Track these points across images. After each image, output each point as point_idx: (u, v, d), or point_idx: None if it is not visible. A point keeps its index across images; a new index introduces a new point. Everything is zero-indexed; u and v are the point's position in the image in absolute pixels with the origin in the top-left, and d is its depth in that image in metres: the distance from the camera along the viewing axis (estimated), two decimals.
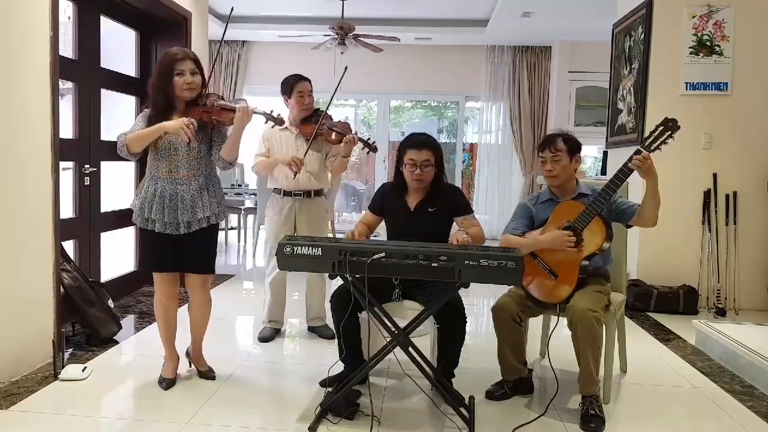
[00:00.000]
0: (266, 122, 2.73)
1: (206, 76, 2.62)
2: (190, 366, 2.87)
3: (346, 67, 3.31)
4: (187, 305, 2.83)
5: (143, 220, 2.57)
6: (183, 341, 2.86)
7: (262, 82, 8.10)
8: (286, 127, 3.32)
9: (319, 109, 3.42)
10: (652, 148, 2.38)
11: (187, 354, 2.87)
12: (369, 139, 3.23)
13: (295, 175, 3.16)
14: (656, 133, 2.38)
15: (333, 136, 3.24)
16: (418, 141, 2.70)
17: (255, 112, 2.58)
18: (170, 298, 2.68)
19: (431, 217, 2.73)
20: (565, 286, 2.52)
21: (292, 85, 3.32)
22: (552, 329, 2.66)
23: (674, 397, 2.80)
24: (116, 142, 2.54)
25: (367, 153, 3.25)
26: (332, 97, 3.34)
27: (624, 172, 2.41)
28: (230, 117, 2.55)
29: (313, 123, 3.27)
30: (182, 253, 2.60)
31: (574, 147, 2.64)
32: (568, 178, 2.66)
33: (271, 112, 2.67)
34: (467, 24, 7.22)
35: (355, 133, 3.22)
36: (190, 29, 4.51)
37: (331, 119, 3.28)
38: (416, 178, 2.68)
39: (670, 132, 2.37)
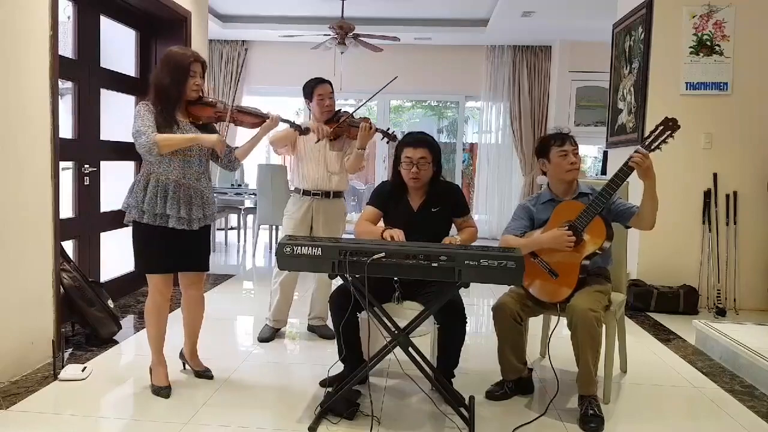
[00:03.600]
0: (293, 129, 2.96)
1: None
2: (185, 367, 2.86)
3: (395, 77, 3.46)
4: (180, 307, 2.83)
5: (153, 216, 2.50)
6: (177, 342, 2.86)
7: (261, 82, 8.11)
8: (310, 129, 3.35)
9: (341, 110, 3.44)
10: (653, 147, 2.38)
11: (181, 355, 2.86)
12: (389, 129, 3.25)
13: (317, 141, 3.24)
14: (656, 133, 2.39)
15: (352, 132, 3.25)
16: (414, 139, 2.70)
17: (282, 120, 2.77)
18: (167, 300, 2.67)
19: (435, 217, 2.73)
20: (566, 286, 2.52)
21: (312, 88, 3.34)
22: (552, 329, 2.66)
23: (674, 397, 2.80)
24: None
25: (387, 143, 3.26)
26: (368, 100, 3.42)
27: (624, 171, 2.41)
28: (253, 122, 2.72)
29: (335, 123, 3.29)
30: (180, 251, 2.60)
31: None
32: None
33: (294, 121, 2.89)
34: (467, 24, 7.22)
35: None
36: (189, 29, 4.51)
37: (352, 116, 3.30)
38: (413, 176, 2.67)
39: (670, 131, 2.38)
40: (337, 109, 3.42)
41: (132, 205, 2.53)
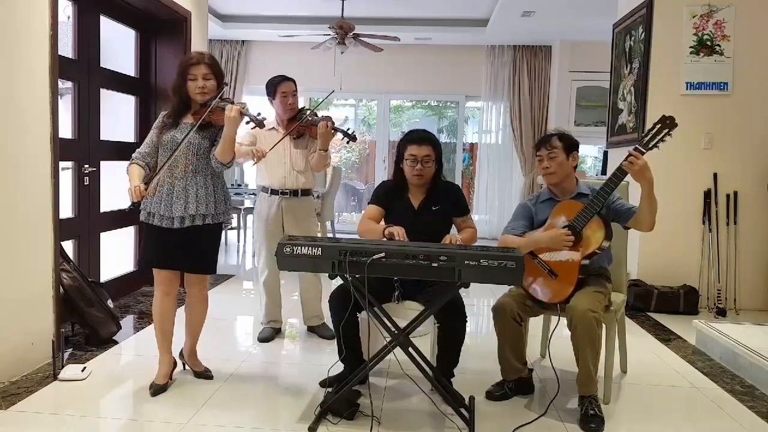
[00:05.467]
0: (247, 122, 2.65)
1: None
2: (184, 367, 2.85)
3: (332, 91, 3.53)
4: (184, 305, 2.83)
5: (147, 215, 2.60)
6: (177, 343, 2.85)
7: (261, 81, 8.00)
8: (273, 127, 3.37)
9: (304, 107, 3.45)
10: (650, 145, 2.38)
11: (181, 355, 2.86)
12: (348, 129, 3.24)
13: (254, 164, 3.15)
14: (654, 131, 2.39)
15: (313, 130, 3.25)
16: (418, 136, 2.71)
17: (242, 113, 2.52)
18: (166, 295, 2.66)
19: (436, 215, 2.73)
20: (565, 286, 2.52)
21: (275, 85, 3.35)
22: (552, 329, 2.66)
23: (674, 397, 2.80)
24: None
25: (348, 142, 3.27)
26: (317, 105, 3.41)
27: (621, 171, 2.41)
28: (223, 117, 2.54)
29: (297, 122, 3.30)
30: (180, 250, 2.60)
31: (570, 144, 2.63)
32: (566, 176, 2.65)
33: (258, 114, 2.60)
34: (467, 24, 7.22)
35: (332, 123, 3.20)
36: (189, 29, 4.51)
37: (315, 115, 3.29)
38: (416, 173, 2.68)
39: (667, 130, 2.37)
40: (301, 106, 3.42)
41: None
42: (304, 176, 3.37)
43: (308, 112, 3.30)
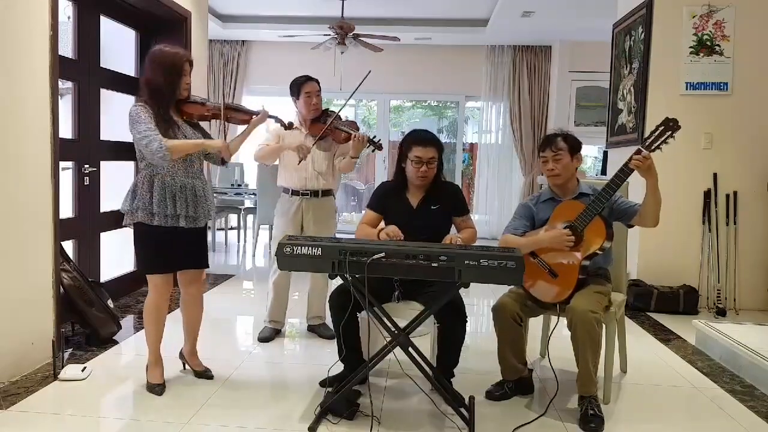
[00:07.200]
0: (275, 122, 3.03)
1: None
2: (185, 367, 2.86)
3: (369, 71, 3.37)
4: (179, 308, 2.83)
5: (164, 218, 2.50)
6: (176, 342, 2.86)
7: (261, 81, 8.10)
8: (296, 127, 3.35)
9: (328, 109, 3.43)
10: (653, 147, 2.38)
11: (181, 355, 2.86)
12: (375, 137, 3.25)
13: (300, 162, 3.22)
14: (657, 133, 2.39)
15: (341, 135, 3.26)
16: (425, 138, 2.71)
17: (270, 116, 2.82)
18: (166, 300, 2.69)
19: (434, 214, 2.73)
20: (566, 286, 2.52)
21: (299, 85, 3.35)
22: (552, 329, 2.66)
23: (674, 397, 2.80)
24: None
25: (372, 151, 3.28)
26: (349, 98, 3.39)
27: (624, 172, 2.41)
28: (242, 118, 2.77)
29: (321, 123, 3.30)
30: (183, 249, 2.62)
31: (574, 146, 2.64)
32: (570, 177, 2.66)
33: (278, 117, 2.95)
34: (467, 24, 7.22)
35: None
36: (189, 29, 4.51)
37: (340, 119, 3.30)
38: (421, 174, 2.68)
39: (670, 132, 2.38)
40: (324, 108, 3.42)
41: (139, 207, 2.50)
42: (324, 177, 3.38)
43: (333, 115, 3.28)
